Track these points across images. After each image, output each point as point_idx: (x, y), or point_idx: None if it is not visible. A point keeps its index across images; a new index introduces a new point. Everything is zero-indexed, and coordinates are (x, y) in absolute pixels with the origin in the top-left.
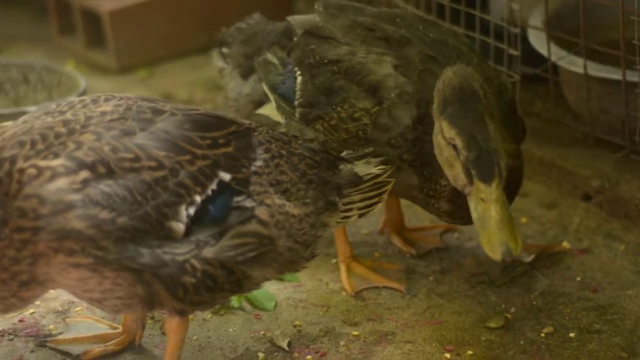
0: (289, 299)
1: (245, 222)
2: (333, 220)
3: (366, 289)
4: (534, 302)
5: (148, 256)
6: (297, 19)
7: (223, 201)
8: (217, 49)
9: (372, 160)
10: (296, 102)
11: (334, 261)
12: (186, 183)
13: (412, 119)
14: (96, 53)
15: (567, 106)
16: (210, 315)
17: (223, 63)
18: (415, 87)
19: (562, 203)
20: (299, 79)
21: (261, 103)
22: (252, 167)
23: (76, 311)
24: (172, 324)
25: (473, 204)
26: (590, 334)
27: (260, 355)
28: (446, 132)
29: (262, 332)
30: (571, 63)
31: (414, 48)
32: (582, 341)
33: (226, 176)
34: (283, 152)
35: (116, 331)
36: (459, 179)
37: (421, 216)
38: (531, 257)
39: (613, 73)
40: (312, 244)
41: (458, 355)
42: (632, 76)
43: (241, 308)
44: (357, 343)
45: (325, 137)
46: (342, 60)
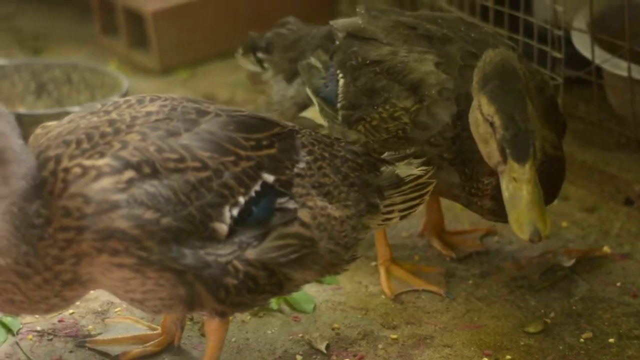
0: (328, 302)
1: (287, 224)
2: (374, 222)
3: (405, 292)
4: (574, 307)
5: (191, 257)
6: (340, 23)
7: (266, 203)
8: (250, 54)
9: (414, 161)
10: (339, 105)
11: (374, 264)
12: (230, 184)
13: (452, 117)
14: (138, 53)
15: (611, 109)
16: (249, 317)
17: (258, 67)
18: (455, 84)
19: (604, 207)
20: (341, 82)
21: (305, 106)
22: (295, 169)
23: (115, 312)
24: (212, 326)
25: (505, 183)
26: (629, 340)
27: (298, 357)
28: (485, 108)
29: (301, 335)
30: (615, 66)
31: (456, 45)
32: (622, 347)
33: (269, 178)
34: (326, 155)
35: (155, 332)
36: (493, 157)
37: (461, 219)
38: (572, 262)
39: None
40: (353, 247)
41: (496, 359)
42: None
43: (280, 310)
44: (396, 346)
45: (366, 138)
46: (384, 60)
